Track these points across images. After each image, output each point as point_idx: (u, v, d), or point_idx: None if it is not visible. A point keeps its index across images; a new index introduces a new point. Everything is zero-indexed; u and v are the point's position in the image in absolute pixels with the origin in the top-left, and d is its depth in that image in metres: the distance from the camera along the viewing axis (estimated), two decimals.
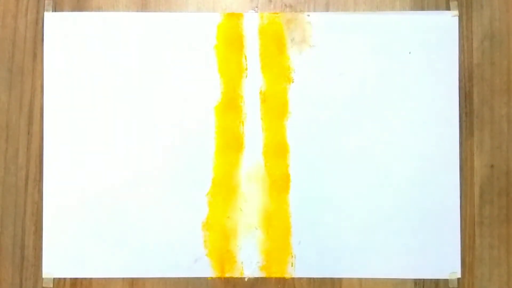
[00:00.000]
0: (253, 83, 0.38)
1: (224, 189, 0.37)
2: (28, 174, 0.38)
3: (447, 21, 0.38)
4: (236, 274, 0.37)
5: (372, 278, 0.37)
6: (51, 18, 0.38)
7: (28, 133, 0.38)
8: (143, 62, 0.38)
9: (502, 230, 0.37)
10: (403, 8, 0.38)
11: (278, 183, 0.37)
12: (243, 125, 0.38)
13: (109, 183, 0.37)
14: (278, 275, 0.37)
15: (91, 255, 0.37)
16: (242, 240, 0.37)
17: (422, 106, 0.37)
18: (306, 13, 0.38)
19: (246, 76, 0.38)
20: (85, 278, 0.37)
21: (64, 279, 0.37)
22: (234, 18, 0.38)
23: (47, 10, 0.38)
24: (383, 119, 0.37)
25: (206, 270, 0.37)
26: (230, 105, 0.38)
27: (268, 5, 0.38)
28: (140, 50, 0.38)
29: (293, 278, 0.37)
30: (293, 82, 0.38)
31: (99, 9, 0.38)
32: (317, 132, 0.37)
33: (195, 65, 0.38)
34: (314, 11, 0.38)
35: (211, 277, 0.37)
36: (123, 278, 0.37)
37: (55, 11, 0.38)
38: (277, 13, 0.38)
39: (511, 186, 0.37)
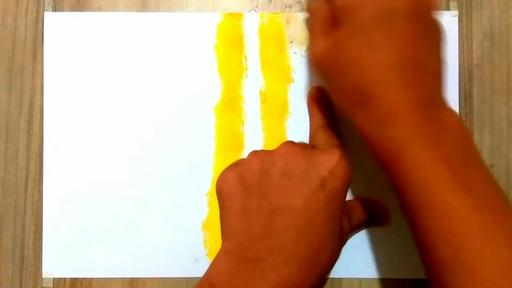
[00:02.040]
0: (253, 83, 0.38)
1: None
2: (28, 174, 0.38)
3: (447, 21, 0.38)
4: None
5: (372, 278, 0.37)
6: (51, 18, 0.38)
7: (28, 133, 0.38)
8: (143, 62, 0.38)
9: None
10: None
11: None
12: (243, 125, 0.38)
13: (109, 183, 0.37)
14: None
15: (91, 255, 0.37)
16: None
17: None
18: (307, 13, 0.38)
19: (246, 76, 0.38)
20: (85, 278, 0.37)
21: (64, 279, 0.37)
22: (234, 18, 0.38)
23: (47, 10, 0.38)
24: None
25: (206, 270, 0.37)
26: (230, 105, 0.38)
27: (268, 5, 0.38)
28: (140, 50, 0.38)
29: None
30: (293, 82, 0.38)
31: (99, 9, 0.38)
32: None
33: (195, 65, 0.38)
34: None
35: None
36: (123, 278, 0.37)
37: (55, 11, 0.38)
38: (277, 13, 0.38)
39: (511, 186, 0.37)
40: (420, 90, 0.29)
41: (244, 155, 0.37)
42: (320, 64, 0.32)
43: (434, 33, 0.31)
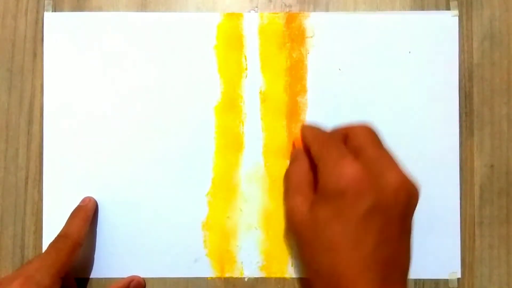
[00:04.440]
0: (253, 83, 0.38)
1: (224, 189, 0.37)
2: (28, 174, 0.38)
3: (447, 21, 0.38)
4: (236, 274, 0.37)
5: None
6: (51, 18, 0.38)
7: (28, 133, 0.38)
8: (143, 62, 0.38)
9: (502, 230, 0.37)
10: (403, 8, 0.38)
11: (278, 183, 0.37)
12: (243, 125, 0.38)
13: (108, 183, 0.37)
14: (278, 275, 0.37)
15: (90, 255, 0.37)
16: (242, 240, 0.37)
17: (422, 106, 0.37)
18: (306, 13, 0.38)
19: (246, 76, 0.38)
20: (85, 278, 0.37)
21: None
22: (234, 18, 0.38)
23: (47, 10, 0.38)
24: (383, 119, 0.37)
25: (206, 270, 0.37)
26: (230, 105, 0.38)
27: (268, 5, 0.38)
28: (140, 50, 0.38)
29: (293, 278, 0.37)
30: None
31: (99, 9, 0.38)
32: None
33: (195, 65, 0.38)
34: (314, 11, 0.38)
35: (211, 277, 0.37)
36: (123, 278, 0.37)
37: (55, 11, 0.38)
38: (277, 13, 0.38)
39: (511, 186, 0.37)
40: None
41: (244, 155, 0.37)
42: (297, 228, 0.29)
43: (411, 227, 0.30)
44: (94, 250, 0.37)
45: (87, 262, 0.37)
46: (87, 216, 0.36)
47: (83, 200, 0.37)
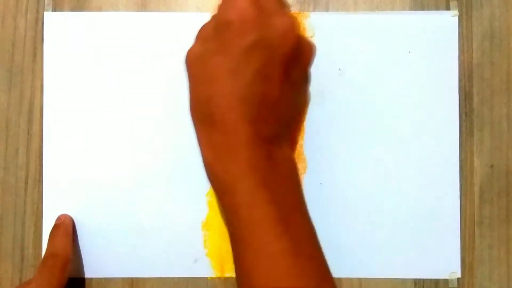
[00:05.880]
0: None
1: None
2: (28, 174, 0.38)
3: (447, 21, 0.38)
4: None
5: (372, 278, 0.37)
6: (51, 18, 0.38)
7: (28, 133, 0.38)
8: (143, 62, 0.38)
9: (502, 230, 0.37)
10: (403, 8, 0.38)
11: None
12: None
13: (108, 183, 0.37)
14: None
15: (90, 255, 0.37)
16: None
17: (421, 106, 0.37)
18: (306, 13, 0.38)
19: None
20: (85, 278, 0.37)
21: None
22: None
23: (47, 10, 0.38)
24: (383, 119, 0.37)
25: (206, 270, 0.37)
26: None
27: None
28: (140, 50, 0.38)
29: None
30: None
31: (99, 9, 0.38)
32: (316, 133, 0.37)
33: None
34: (314, 11, 0.38)
35: (211, 277, 0.37)
36: (123, 278, 0.37)
37: (55, 11, 0.38)
38: None
39: (511, 186, 0.37)
40: (265, 127, 0.28)
41: None
42: (188, 67, 0.30)
43: (302, 78, 0.30)
44: (95, 250, 0.37)
45: (87, 262, 0.37)
46: (68, 232, 0.36)
47: (59, 218, 0.37)
